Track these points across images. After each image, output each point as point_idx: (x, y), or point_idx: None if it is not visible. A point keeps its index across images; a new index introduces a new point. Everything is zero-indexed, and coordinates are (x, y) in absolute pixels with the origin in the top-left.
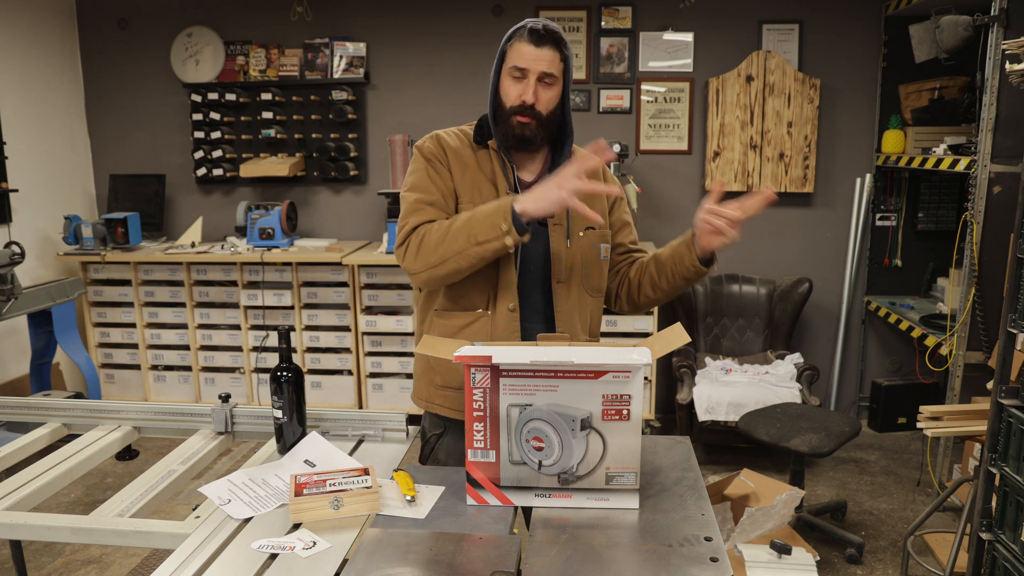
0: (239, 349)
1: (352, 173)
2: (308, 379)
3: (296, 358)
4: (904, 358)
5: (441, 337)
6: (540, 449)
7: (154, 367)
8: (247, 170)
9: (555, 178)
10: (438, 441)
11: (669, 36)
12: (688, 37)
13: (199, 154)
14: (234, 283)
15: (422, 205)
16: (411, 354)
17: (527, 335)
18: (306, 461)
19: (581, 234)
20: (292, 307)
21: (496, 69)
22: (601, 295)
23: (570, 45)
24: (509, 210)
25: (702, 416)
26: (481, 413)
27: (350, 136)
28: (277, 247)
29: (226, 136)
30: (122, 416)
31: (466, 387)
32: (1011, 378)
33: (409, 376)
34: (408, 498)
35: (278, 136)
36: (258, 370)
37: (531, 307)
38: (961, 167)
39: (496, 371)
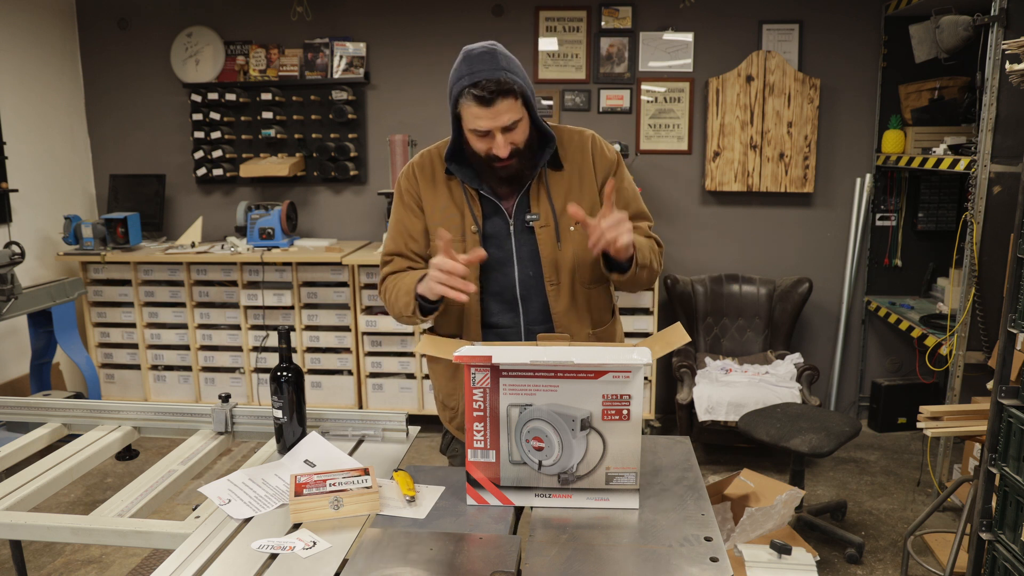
0: (239, 349)
1: (352, 173)
2: (308, 379)
3: (296, 358)
4: (904, 358)
5: (441, 337)
6: (540, 449)
7: (154, 367)
8: (247, 170)
9: (431, 270)
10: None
11: (669, 36)
12: (688, 37)
13: (199, 154)
14: (234, 283)
15: (391, 256)
16: (411, 354)
17: (530, 339)
18: (306, 461)
19: (572, 228)
20: (292, 307)
21: (454, 122)
22: (601, 283)
23: (520, 74)
24: (413, 295)
25: (702, 416)
26: (481, 413)
27: (350, 136)
28: (277, 247)
29: (226, 136)
30: (122, 416)
31: (466, 387)
32: (1011, 378)
33: (409, 376)
34: (408, 498)
35: (278, 136)
36: (258, 370)
37: (532, 310)
38: (961, 167)
39: (496, 371)
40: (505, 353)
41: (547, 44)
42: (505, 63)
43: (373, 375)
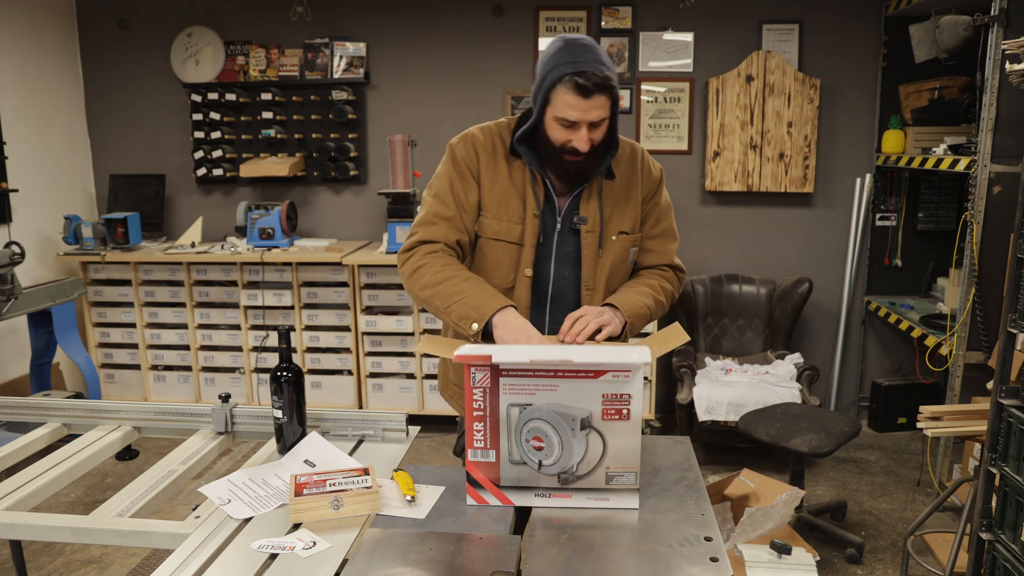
0: (239, 349)
1: (352, 173)
2: (308, 379)
3: (296, 358)
4: (904, 358)
5: (441, 337)
6: (540, 449)
7: (154, 367)
8: (247, 170)
9: (531, 334)
10: None
11: (669, 36)
12: (688, 37)
13: (199, 154)
14: (234, 283)
15: (437, 219)
16: (411, 354)
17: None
18: (306, 461)
19: (614, 238)
20: (292, 307)
21: (539, 107)
22: None
23: (615, 77)
24: (484, 322)
25: (702, 416)
26: (481, 413)
27: (350, 136)
28: (277, 247)
29: (226, 136)
30: (122, 416)
31: (466, 387)
32: (1011, 378)
33: (409, 376)
34: (408, 498)
35: (278, 136)
36: (258, 370)
37: (559, 310)
38: (961, 167)
39: (496, 371)
40: (505, 352)
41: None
42: (607, 60)
43: (373, 375)
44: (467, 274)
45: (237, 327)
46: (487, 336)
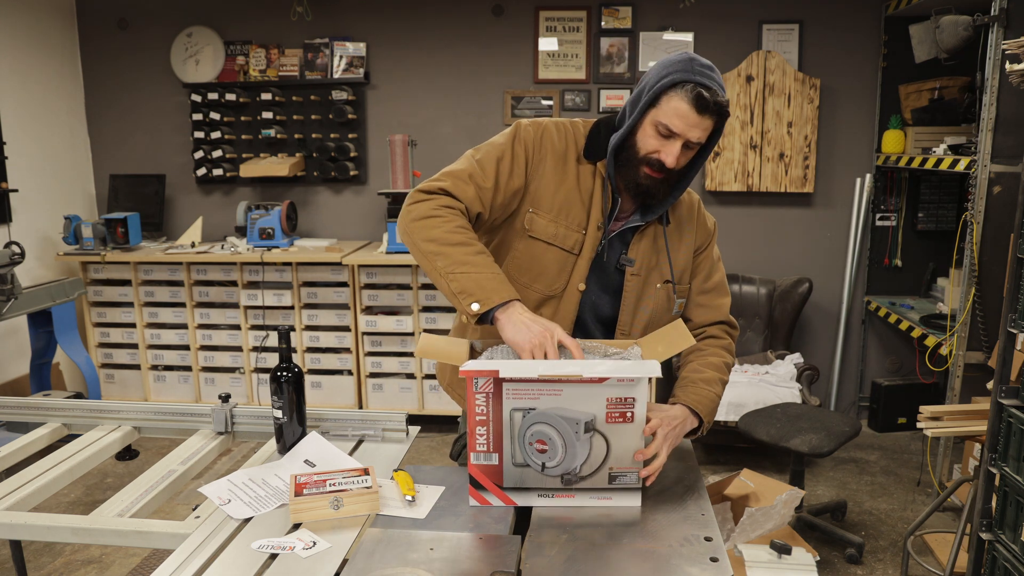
0: (239, 349)
1: (352, 173)
2: (308, 379)
3: (296, 358)
4: (904, 358)
5: (444, 337)
6: (543, 451)
7: (154, 367)
8: (247, 170)
9: (547, 326)
10: None
11: (669, 36)
12: (688, 37)
13: (199, 154)
14: (234, 283)
15: (467, 179)
16: (411, 354)
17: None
18: (306, 461)
19: (658, 286)
20: (292, 307)
21: (642, 106)
22: None
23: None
24: (488, 308)
25: None
26: (484, 417)
27: (350, 136)
28: (277, 247)
29: (226, 136)
30: (122, 416)
31: (468, 392)
32: (1011, 378)
33: (409, 376)
34: (408, 498)
35: (278, 136)
36: (258, 370)
37: (581, 336)
38: (961, 167)
39: (500, 378)
40: (512, 368)
41: (547, 44)
42: (724, 90)
43: (373, 375)
44: (481, 247)
45: (237, 327)
46: (482, 320)
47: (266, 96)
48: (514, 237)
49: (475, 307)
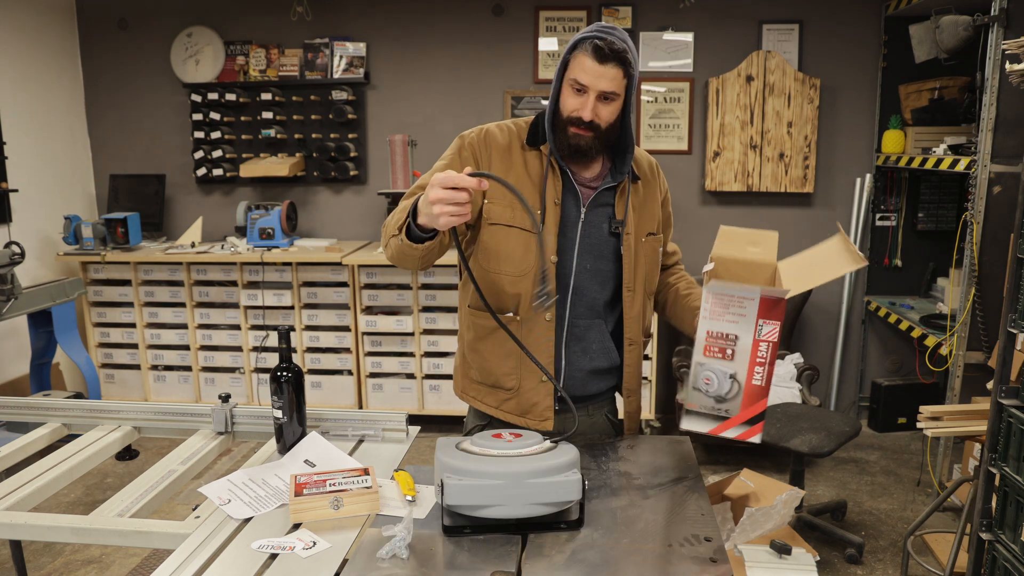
0: (239, 349)
1: (352, 173)
2: (308, 379)
3: (296, 358)
4: (904, 358)
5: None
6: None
7: (154, 367)
8: (247, 170)
9: (429, 188)
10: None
11: (669, 36)
12: (688, 37)
13: (199, 154)
14: (234, 283)
15: (418, 190)
16: (411, 354)
17: (572, 332)
18: (306, 461)
19: (644, 239)
20: (292, 307)
21: (558, 75)
22: (653, 297)
23: (635, 60)
24: (409, 210)
25: None
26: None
27: (350, 136)
28: (277, 247)
29: (226, 136)
30: (122, 416)
31: (753, 342)
32: (1011, 378)
33: (409, 376)
34: (408, 498)
35: (278, 136)
36: (258, 370)
37: (580, 303)
38: (961, 167)
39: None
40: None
41: (547, 44)
42: (631, 44)
43: (373, 375)
44: (405, 204)
45: (237, 327)
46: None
47: (266, 96)
48: (480, 230)
49: (400, 224)
